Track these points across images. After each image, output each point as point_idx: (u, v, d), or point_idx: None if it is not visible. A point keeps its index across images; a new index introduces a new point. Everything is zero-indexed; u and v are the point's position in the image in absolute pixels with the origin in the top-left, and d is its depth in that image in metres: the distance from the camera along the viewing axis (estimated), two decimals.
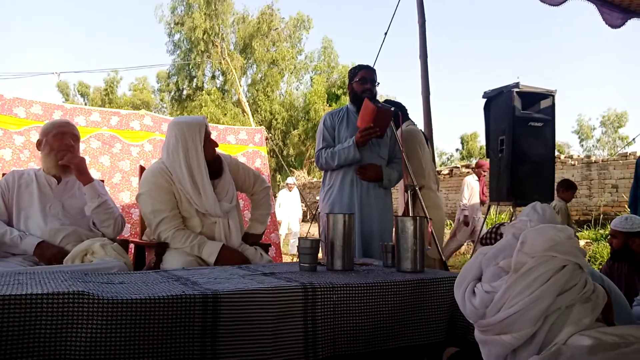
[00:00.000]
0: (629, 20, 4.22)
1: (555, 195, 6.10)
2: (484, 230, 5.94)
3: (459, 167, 14.17)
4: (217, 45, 26.48)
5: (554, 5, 4.06)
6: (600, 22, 4.09)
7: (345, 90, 24.38)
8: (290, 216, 10.20)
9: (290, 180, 10.73)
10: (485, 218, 6.47)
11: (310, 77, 28.01)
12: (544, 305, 1.10)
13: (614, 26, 4.20)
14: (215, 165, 2.68)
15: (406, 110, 3.89)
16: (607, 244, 7.30)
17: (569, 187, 6.05)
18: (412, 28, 4.62)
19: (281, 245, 9.56)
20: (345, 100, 24.21)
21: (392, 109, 3.19)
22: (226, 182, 2.74)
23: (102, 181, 2.77)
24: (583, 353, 1.04)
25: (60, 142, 2.57)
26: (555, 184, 5.54)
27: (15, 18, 51.71)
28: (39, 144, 2.60)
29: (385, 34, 5.64)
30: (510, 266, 1.17)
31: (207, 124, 2.67)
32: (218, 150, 2.78)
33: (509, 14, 59.53)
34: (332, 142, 3.26)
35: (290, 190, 10.37)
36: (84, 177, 2.58)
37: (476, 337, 1.26)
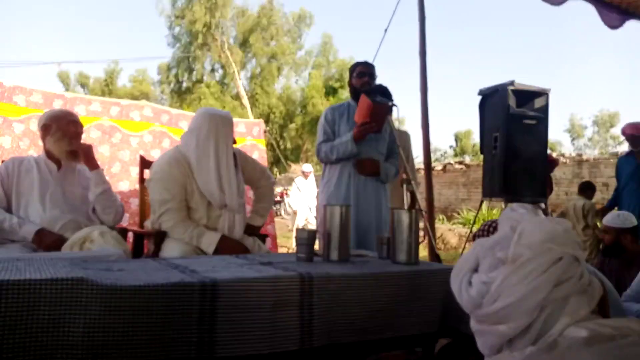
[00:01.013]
0: (627, 22, 4.24)
1: (581, 195, 6.49)
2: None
3: (452, 164, 14.29)
4: (216, 39, 26.41)
5: (555, 4, 4.07)
6: (594, 23, 4.11)
7: (342, 83, 24.38)
8: (307, 207, 8.92)
9: (306, 167, 9.59)
10: (477, 214, 6.51)
11: (309, 72, 28.00)
12: (540, 296, 1.11)
13: (613, 27, 4.21)
14: (234, 159, 2.73)
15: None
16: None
17: (591, 188, 6.63)
18: (411, 24, 4.62)
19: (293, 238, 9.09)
20: (343, 93, 24.20)
21: (391, 103, 3.21)
22: (239, 178, 2.77)
23: (102, 170, 2.78)
24: (579, 344, 1.05)
25: (75, 129, 2.63)
26: (548, 181, 5.62)
27: (16, 7, 51.44)
28: (47, 129, 2.59)
29: (386, 30, 5.63)
30: (508, 257, 1.18)
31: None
32: None
33: (505, 13, 59.55)
34: (332, 136, 3.30)
35: (306, 178, 9.21)
36: (92, 162, 2.63)
37: (472, 327, 1.27)
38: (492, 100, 5.02)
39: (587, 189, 6.65)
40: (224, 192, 2.59)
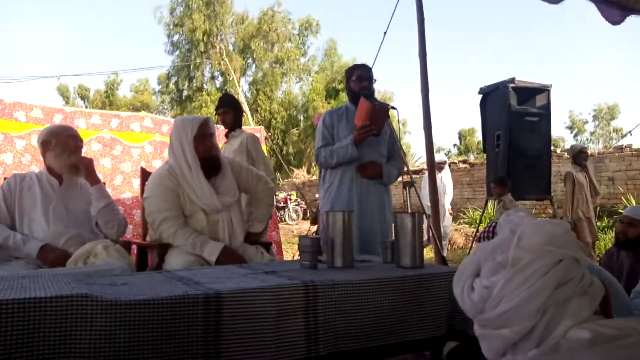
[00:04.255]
0: (627, 17, 4.20)
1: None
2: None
3: (456, 163, 14.24)
4: (215, 46, 26.49)
5: (553, 3, 4.05)
6: (590, 18, 4.10)
7: (344, 85, 24.34)
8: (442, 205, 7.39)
9: (440, 157, 7.84)
10: (482, 213, 6.47)
11: (312, 76, 28.03)
12: (542, 298, 1.11)
13: (614, 22, 4.17)
14: (212, 163, 2.71)
15: None
16: (606, 235, 7.28)
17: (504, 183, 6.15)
18: (412, 25, 4.61)
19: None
20: (344, 96, 24.19)
21: (390, 105, 3.21)
22: (226, 180, 2.77)
23: (104, 183, 2.80)
24: (582, 346, 1.05)
25: (74, 143, 2.64)
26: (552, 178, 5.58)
27: (14, 22, 51.75)
28: (47, 144, 2.61)
29: (385, 33, 5.63)
30: (508, 261, 1.17)
31: (204, 124, 2.69)
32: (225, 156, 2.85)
33: (504, 11, 59.51)
34: (331, 141, 3.28)
35: (439, 172, 7.42)
36: (92, 177, 2.64)
37: (476, 331, 1.27)
38: (493, 99, 5.02)
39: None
40: (199, 194, 2.62)
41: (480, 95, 5.16)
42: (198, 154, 2.64)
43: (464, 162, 14.28)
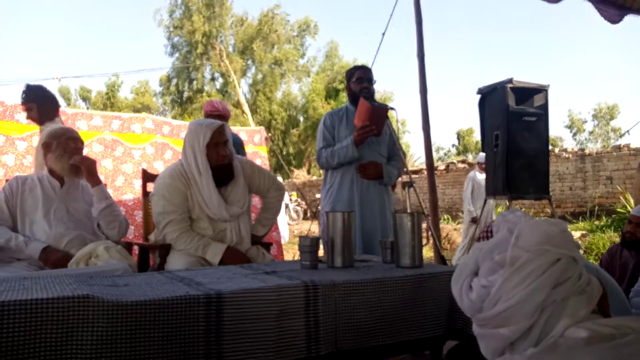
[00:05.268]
0: (625, 16, 4.22)
1: None
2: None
3: (455, 163, 14.29)
4: (215, 48, 26.53)
5: (552, 2, 4.07)
6: (588, 17, 4.12)
7: (344, 85, 24.33)
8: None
9: (482, 157, 7.00)
10: (481, 212, 6.46)
11: (312, 76, 28.08)
12: (539, 298, 1.11)
13: (613, 22, 4.20)
14: (224, 172, 2.67)
15: None
16: (604, 234, 7.25)
17: None
18: (410, 26, 4.64)
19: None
20: (344, 96, 24.25)
21: (390, 106, 3.23)
22: (238, 189, 2.73)
23: (105, 185, 2.81)
24: (579, 345, 1.06)
25: (74, 145, 2.64)
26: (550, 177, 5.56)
27: (15, 24, 51.76)
28: (47, 147, 2.62)
29: (383, 34, 5.67)
30: (506, 260, 1.18)
31: (218, 130, 2.61)
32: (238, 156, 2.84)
33: (503, 10, 59.50)
34: (332, 142, 3.31)
35: (483, 172, 6.86)
36: (94, 178, 2.63)
37: (474, 331, 1.28)
38: (491, 99, 5.03)
39: None
40: (207, 203, 2.60)
41: (479, 96, 5.17)
42: (210, 162, 2.59)
43: (463, 162, 14.35)
